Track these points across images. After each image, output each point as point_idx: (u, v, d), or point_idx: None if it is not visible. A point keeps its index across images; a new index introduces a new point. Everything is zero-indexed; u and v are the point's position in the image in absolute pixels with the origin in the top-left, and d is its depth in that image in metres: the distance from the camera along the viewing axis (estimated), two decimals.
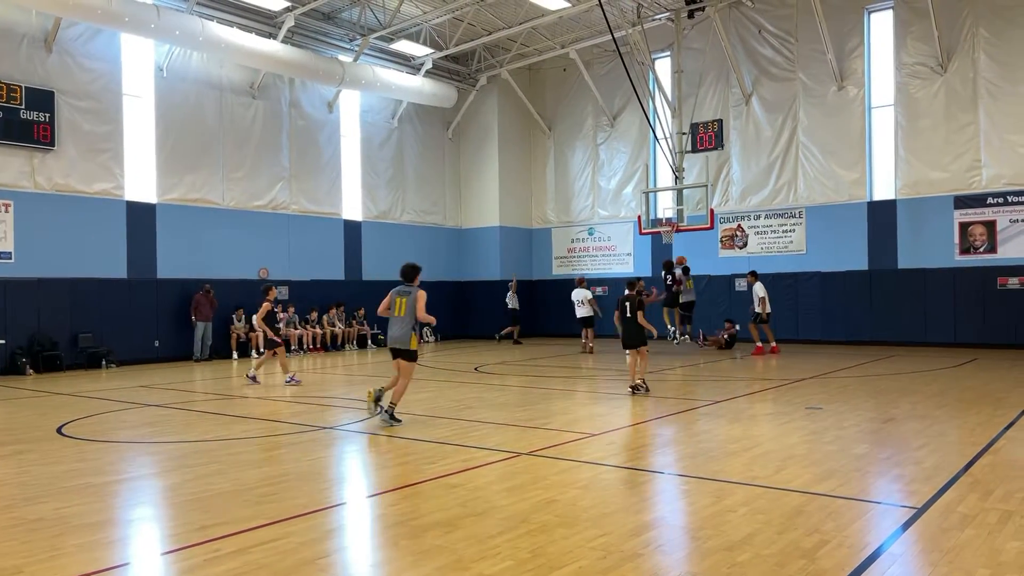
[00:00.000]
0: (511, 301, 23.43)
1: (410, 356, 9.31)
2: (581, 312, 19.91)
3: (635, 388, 11.47)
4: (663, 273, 19.40)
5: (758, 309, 17.83)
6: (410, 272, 9.61)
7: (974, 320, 18.89)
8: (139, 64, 18.86)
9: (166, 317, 18.94)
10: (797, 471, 6.47)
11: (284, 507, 5.61)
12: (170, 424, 9.72)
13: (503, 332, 23.56)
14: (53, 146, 17.00)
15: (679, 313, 19.16)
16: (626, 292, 12.03)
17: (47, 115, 16.85)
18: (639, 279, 12.89)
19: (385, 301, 9.53)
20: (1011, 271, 18.44)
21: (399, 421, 9.13)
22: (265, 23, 20.12)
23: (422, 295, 9.33)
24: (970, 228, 19.02)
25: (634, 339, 11.55)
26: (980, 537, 4.69)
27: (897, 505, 5.58)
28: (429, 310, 9.22)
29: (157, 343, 18.79)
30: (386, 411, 9.15)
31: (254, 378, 13.78)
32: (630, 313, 11.60)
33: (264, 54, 19.49)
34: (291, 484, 6.32)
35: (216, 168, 20.08)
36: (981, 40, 18.70)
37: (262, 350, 17.86)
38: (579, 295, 19.98)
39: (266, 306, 13.79)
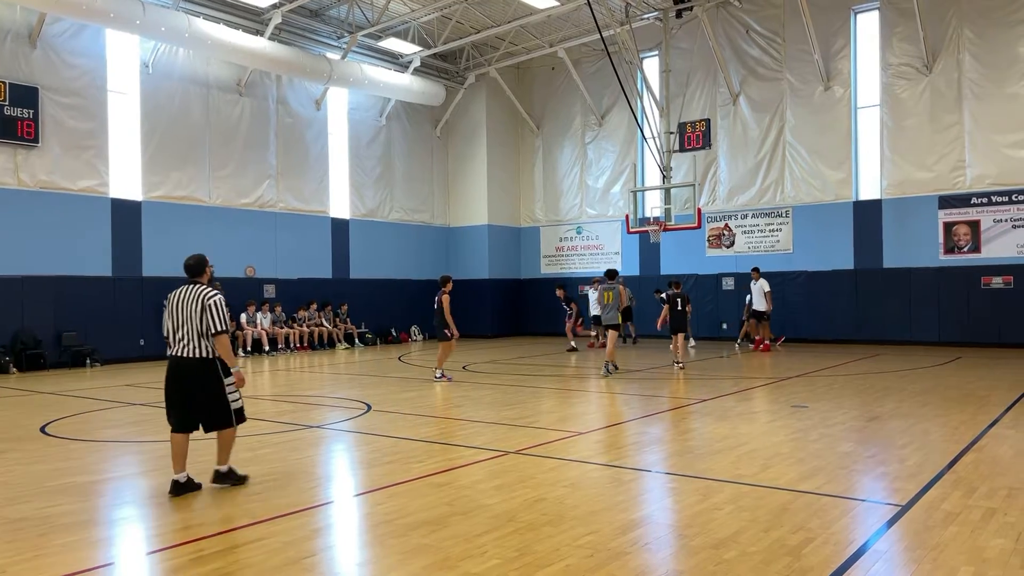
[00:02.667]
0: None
1: (616, 328, 13.97)
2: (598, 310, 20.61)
3: (679, 365, 14.60)
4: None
5: (762, 307, 18.30)
6: (614, 273, 14.32)
7: (958, 319, 19.04)
8: (124, 60, 18.72)
9: (151, 315, 18.78)
10: (783, 469, 6.50)
11: (270, 506, 5.58)
12: (155, 423, 9.64)
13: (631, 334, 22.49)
14: (37, 143, 16.85)
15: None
16: (672, 290, 15.43)
17: (31, 111, 16.70)
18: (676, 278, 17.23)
19: (596, 295, 15.35)
20: (995, 270, 18.61)
21: (617, 368, 13.96)
22: (252, 20, 20.01)
23: (623, 289, 14.32)
24: (954, 228, 19.17)
25: (683, 326, 15.16)
26: (964, 534, 4.72)
27: (882, 503, 5.61)
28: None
29: (142, 342, 18.66)
30: (612, 365, 13.77)
31: (443, 375, 13.34)
32: (681, 307, 15.06)
33: (251, 51, 19.39)
34: (277, 483, 6.29)
35: (202, 166, 19.96)
36: (966, 41, 18.85)
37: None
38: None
39: (447, 296, 13.26)
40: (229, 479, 6.12)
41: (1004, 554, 4.38)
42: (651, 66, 23.55)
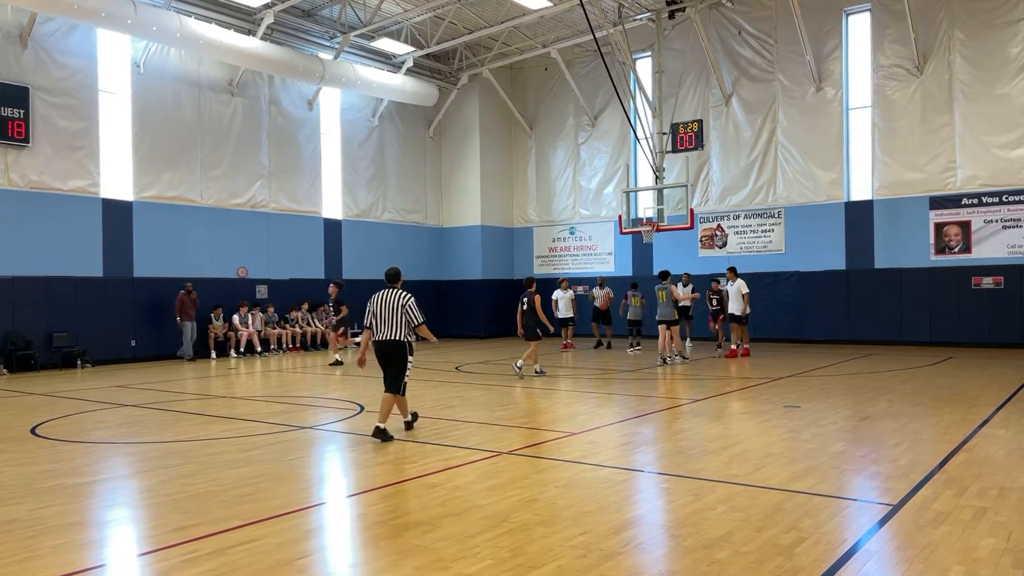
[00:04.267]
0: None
1: (675, 323, 15.96)
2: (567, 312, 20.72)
3: (665, 359, 15.81)
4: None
5: (735, 310, 17.09)
6: (666, 275, 16.12)
7: (949, 319, 19.13)
8: (115, 60, 18.63)
9: (143, 316, 18.74)
10: (775, 469, 6.52)
11: (262, 507, 5.56)
12: (147, 424, 9.62)
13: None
14: (27, 143, 16.76)
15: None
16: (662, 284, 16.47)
17: (21, 111, 16.60)
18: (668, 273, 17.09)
19: (566, 296, 18.61)
20: (985, 271, 18.70)
21: (687, 358, 16.39)
22: (244, 20, 19.95)
23: (675, 288, 16.07)
24: (945, 228, 19.26)
25: (675, 322, 16.25)
26: (955, 534, 4.74)
27: (873, 502, 5.64)
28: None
29: (134, 343, 18.58)
30: (678, 355, 16.12)
31: (541, 371, 14.25)
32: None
33: (243, 51, 19.33)
34: (269, 484, 6.27)
35: (194, 166, 19.89)
36: (956, 43, 18.94)
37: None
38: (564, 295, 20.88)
39: (538, 297, 14.18)
40: (412, 423, 8.59)
41: (995, 553, 4.40)
42: (644, 67, 23.59)
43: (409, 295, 8.30)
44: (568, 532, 4.88)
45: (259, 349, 20.08)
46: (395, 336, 8.15)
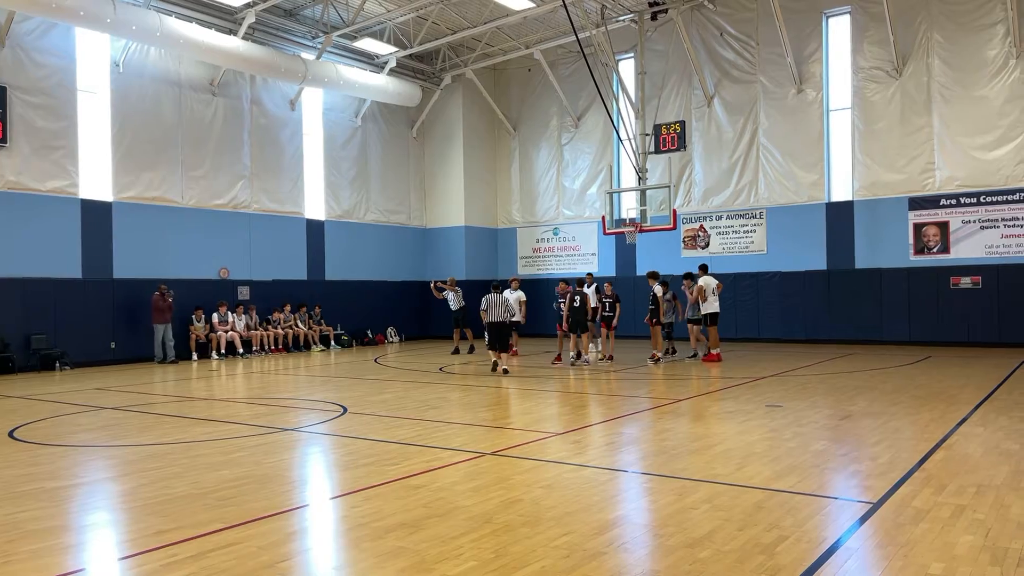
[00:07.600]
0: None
1: (713, 321, 16.24)
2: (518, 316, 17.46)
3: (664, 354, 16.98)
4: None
5: (709, 309, 16.03)
6: (705, 268, 17.06)
7: (928, 319, 19.34)
8: (94, 59, 18.45)
9: (122, 318, 18.56)
10: (757, 468, 6.55)
11: (244, 510, 5.53)
12: (127, 427, 9.53)
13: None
14: (5, 143, 16.56)
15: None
16: (659, 290, 16.73)
17: None
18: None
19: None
20: (963, 271, 18.92)
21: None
22: (225, 19, 19.81)
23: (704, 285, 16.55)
24: (924, 229, 19.47)
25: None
26: (934, 531, 4.79)
27: (854, 500, 5.68)
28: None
29: (113, 345, 18.40)
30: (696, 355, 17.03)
31: (586, 360, 15.96)
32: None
33: (224, 50, 19.19)
34: (251, 487, 6.23)
35: (175, 166, 19.73)
36: (935, 45, 19.16)
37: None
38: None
39: (588, 295, 16.23)
40: (497, 369, 14.35)
41: (974, 551, 4.45)
42: (627, 68, 23.67)
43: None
44: (552, 532, 4.89)
45: (241, 351, 19.94)
46: (504, 318, 14.24)
